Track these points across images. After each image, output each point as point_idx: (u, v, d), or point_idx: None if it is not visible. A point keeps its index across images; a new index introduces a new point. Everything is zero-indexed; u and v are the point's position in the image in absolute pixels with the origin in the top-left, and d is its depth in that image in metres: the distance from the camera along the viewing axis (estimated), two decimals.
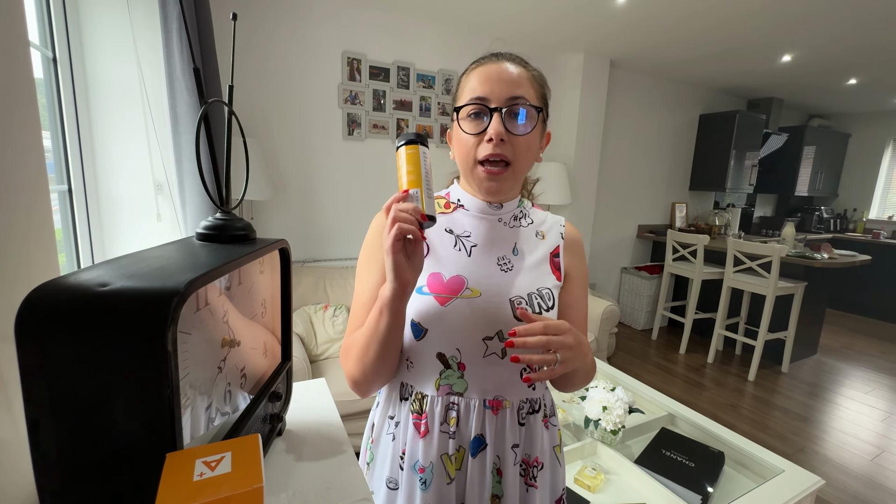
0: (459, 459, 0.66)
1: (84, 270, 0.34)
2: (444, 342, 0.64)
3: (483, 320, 0.64)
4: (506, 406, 0.67)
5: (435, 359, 0.65)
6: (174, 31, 1.18)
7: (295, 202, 2.45)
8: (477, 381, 0.65)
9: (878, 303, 4.52)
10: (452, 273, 0.66)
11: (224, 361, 0.43)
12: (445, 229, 0.70)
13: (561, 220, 0.76)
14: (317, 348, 2.12)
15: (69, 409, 0.30)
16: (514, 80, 0.63)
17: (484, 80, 0.63)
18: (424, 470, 0.65)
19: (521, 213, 0.73)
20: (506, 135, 0.62)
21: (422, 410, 0.66)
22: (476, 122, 0.64)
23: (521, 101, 0.62)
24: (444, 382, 0.66)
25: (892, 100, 4.34)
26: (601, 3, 2.28)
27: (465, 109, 0.64)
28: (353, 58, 2.44)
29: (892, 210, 5.02)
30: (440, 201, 0.75)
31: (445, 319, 0.63)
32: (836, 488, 1.94)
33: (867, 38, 2.66)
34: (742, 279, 3.06)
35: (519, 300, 0.65)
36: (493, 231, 0.70)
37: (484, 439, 0.66)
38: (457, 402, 0.66)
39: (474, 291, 0.65)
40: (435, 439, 0.66)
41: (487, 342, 0.64)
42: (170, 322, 0.29)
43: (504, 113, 0.62)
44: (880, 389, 2.93)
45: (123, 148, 1.47)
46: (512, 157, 0.63)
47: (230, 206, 0.51)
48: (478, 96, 0.62)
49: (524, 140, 0.63)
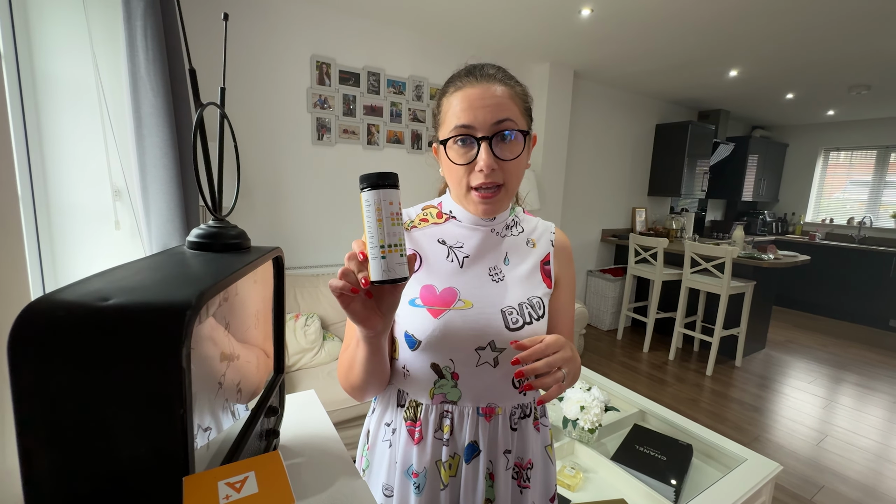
0: (455, 466, 0.67)
1: (77, 284, 0.31)
2: (438, 353, 0.65)
3: (475, 331, 0.64)
4: (498, 413, 0.67)
5: (429, 369, 0.66)
6: (138, 28, 1.12)
7: (262, 209, 2.37)
8: (470, 389, 0.66)
9: (817, 299, 4.92)
10: (445, 285, 0.66)
11: (224, 376, 0.41)
12: (438, 240, 0.70)
13: (551, 227, 0.77)
14: (288, 359, 2.05)
15: (67, 437, 0.28)
16: (498, 103, 0.61)
17: (467, 106, 0.61)
18: (418, 475, 0.66)
19: (512, 221, 0.74)
20: (496, 162, 0.61)
21: (416, 418, 0.67)
22: (464, 149, 0.63)
23: (507, 125, 0.61)
24: (438, 391, 0.66)
25: (824, 113, 4.77)
26: (566, 15, 2.37)
27: (452, 140, 0.63)
28: (322, 62, 2.40)
29: (825, 214, 5.50)
30: (432, 211, 0.74)
31: (438, 331, 0.63)
32: (788, 473, 2.08)
33: (801, 57, 2.92)
34: (699, 279, 3.24)
35: (510, 310, 0.66)
36: (485, 242, 0.70)
37: (478, 446, 0.67)
38: (451, 410, 0.66)
39: (466, 303, 0.65)
40: (429, 446, 0.66)
41: (480, 352, 0.65)
42: (185, 336, 0.28)
43: (491, 140, 0.61)
44: (821, 379, 3.18)
45: (77, 151, 1.37)
46: (504, 179, 0.63)
47: (222, 213, 0.49)
48: (462, 124, 0.61)
49: (513, 162, 0.63)
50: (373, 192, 0.46)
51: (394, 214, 0.47)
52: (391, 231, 0.46)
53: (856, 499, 1.92)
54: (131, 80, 1.16)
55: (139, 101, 1.16)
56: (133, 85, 1.16)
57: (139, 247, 1.45)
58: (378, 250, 0.46)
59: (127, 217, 1.47)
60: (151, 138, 1.18)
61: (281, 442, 0.56)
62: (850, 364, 3.49)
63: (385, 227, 0.46)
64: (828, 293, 4.83)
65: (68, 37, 1.33)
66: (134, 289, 0.31)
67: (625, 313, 3.79)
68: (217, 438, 0.42)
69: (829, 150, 5.37)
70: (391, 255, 0.46)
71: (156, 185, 1.21)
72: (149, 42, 1.12)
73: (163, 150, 1.18)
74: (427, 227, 0.72)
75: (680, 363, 3.35)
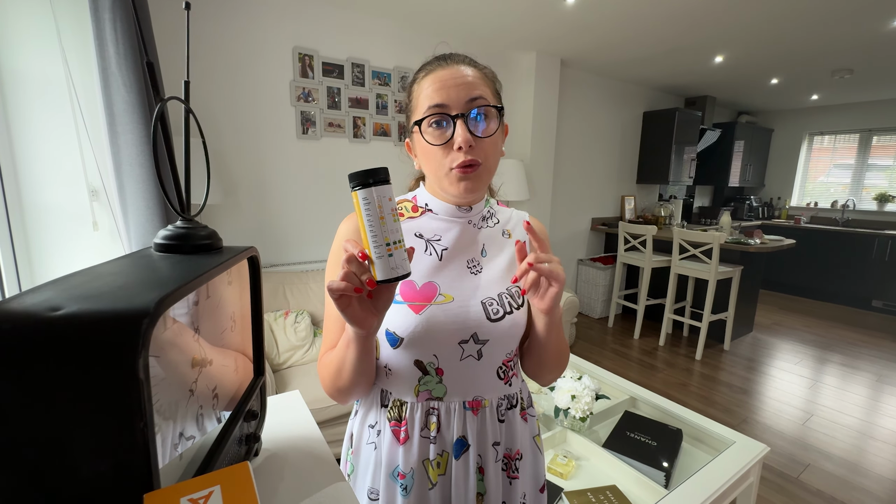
0: (444, 464, 0.66)
1: (27, 293, 0.30)
2: (421, 349, 0.64)
3: (457, 325, 0.64)
4: (485, 405, 0.67)
5: (413, 366, 0.65)
6: (106, 21, 1.07)
7: (248, 206, 2.33)
8: (455, 384, 0.65)
9: (803, 282, 5.01)
10: (425, 280, 0.65)
11: (195, 383, 0.40)
12: (415, 234, 0.69)
13: (524, 216, 0.76)
14: (279, 357, 2.03)
15: (19, 459, 0.26)
16: (469, 82, 0.62)
17: (439, 86, 0.61)
18: (405, 476, 0.65)
19: (488, 213, 0.74)
20: (473, 139, 0.61)
21: (401, 417, 0.66)
22: (439, 131, 0.62)
23: (481, 102, 0.62)
24: (423, 388, 0.65)
25: (808, 98, 4.81)
26: (551, 4, 2.34)
27: (427, 120, 0.62)
28: (304, 54, 2.35)
29: (809, 198, 5.57)
30: (406, 205, 0.73)
31: (420, 327, 0.63)
32: (776, 453, 2.12)
33: (785, 42, 2.93)
34: (687, 266, 3.27)
35: (490, 301, 0.65)
36: (463, 234, 0.69)
37: (466, 440, 0.66)
38: (437, 406, 0.65)
39: (447, 297, 0.64)
40: (415, 445, 0.65)
41: (463, 346, 0.64)
42: (141, 347, 0.26)
43: (466, 117, 0.61)
44: (806, 360, 3.25)
45: (50, 151, 1.32)
46: (482, 157, 0.63)
47: (192, 212, 0.47)
48: (436, 104, 0.61)
49: (490, 140, 0.63)
50: (369, 190, 0.45)
51: (393, 210, 0.46)
52: (393, 228, 0.46)
53: (840, 476, 1.97)
54: (102, 75, 1.11)
55: (111, 97, 1.12)
56: (104, 80, 1.12)
57: (119, 248, 1.41)
58: (384, 248, 0.45)
59: (105, 217, 1.43)
60: (126, 136, 1.14)
61: (264, 445, 0.55)
62: (835, 344, 3.57)
63: (388, 224, 0.45)
64: (813, 276, 4.91)
65: (34, 30, 1.27)
66: (89, 297, 0.29)
67: (615, 301, 3.82)
68: (192, 447, 0.40)
69: (814, 135, 5.43)
70: (397, 252, 0.46)
71: (133, 184, 1.17)
72: (119, 35, 1.08)
73: (138, 148, 1.14)
74: (403, 222, 0.71)
75: (670, 348, 3.39)
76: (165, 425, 0.35)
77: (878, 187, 4.93)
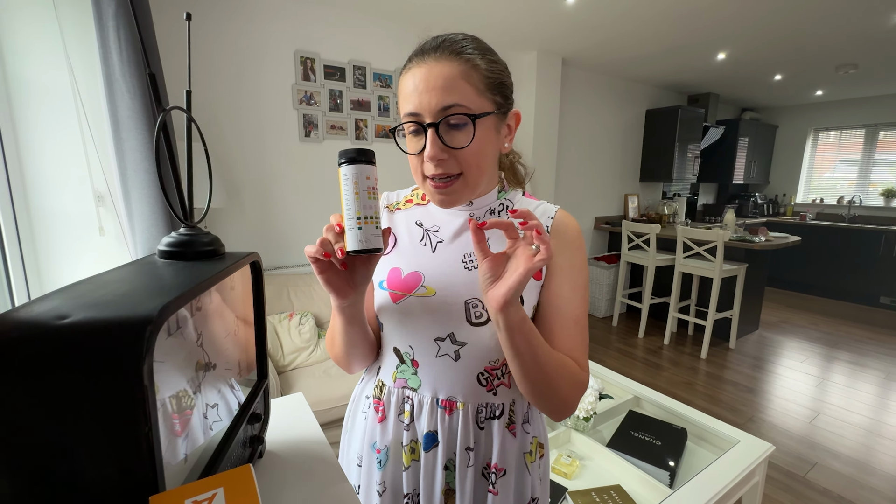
0: (417, 451, 0.66)
1: (36, 302, 0.30)
2: (398, 338, 0.65)
3: (434, 320, 0.61)
4: (459, 408, 0.64)
5: (392, 352, 0.66)
6: (110, 28, 1.09)
7: (251, 208, 2.34)
8: (429, 379, 0.64)
9: (809, 279, 4.97)
10: (411, 269, 0.64)
11: (199, 387, 0.41)
12: (416, 222, 0.68)
13: (551, 211, 0.66)
14: (284, 359, 2.05)
15: (29, 463, 0.27)
16: (440, 84, 0.54)
17: (412, 90, 0.56)
18: (380, 451, 0.67)
19: (500, 206, 0.67)
20: (445, 151, 0.56)
21: (381, 397, 0.67)
22: (416, 139, 0.58)
23: (454, 110, 0.55)
24: (400, 376, 0.66)
25: (812, 94, 4.77)
26: (551, 4, 2.34)
27: (401, 129, 0.59)
28: (306, 57, 2.36)
29: (815, 194, 5.53)
30: (419, 192, 0.71)
31: (396, 316, 0.63)
32: (782, 452, 2.11)
33: (787, 38, 2.91)
34: (691, 264, 3.26)
35: (475, 303, 0.61)
36: (464, 227, 0.65)
37: (436, 437, 0.65)
38: (411, 396, 0.65)
39: (429, 290, 0.62)
40: (390, 426, 0.66)
41: (439, 343, 0.62)
42: (145, 353, 0.27)
43: (439, 126, 0.55)
44: (813, 357, 3.22)
45: (57, 157, 1.34)
46: (459, 168, 0.57)
47: (194, 219, 0.47)
48: (409, 112, 0.56)
49: (467, 149, 0.56)
50: (351, 167, 0.48)
51: (370, 189, 0.48)
52: (367, 204, 0.48)
53: (848, 474, 1.96)
54: (106, 82, 1.13)
55: (115, 103, 1.14)
56: (108, 88, 1.13)
57: (125, 252, 1.43)
58: (354, 221, 0.48)
59: (111, 222, 1.45)
60: (130, 142, 1.15)
61: (268, 448, 0.55)
62: (842, 342, 3.54)
63: (361, 200, 0.48)
64: (819, 272, 4.88)
65: (41, 39, 1.29)
66: (95, 304, 0.30)
67: (619, 300, 3.81)
68: (196, 450, 0.41)
69: (819, 131, 5.38)
70: (367, 227, 0.48)
71: (137, 189, 1.19)
72: (122, 44, 1.09)
73: (143, 154, 1.16)
74: (410, 209, 0.70)
75: (675, 347, 3.38)
76: (170, 429, 0.36)
77: (886, 182, 4.88)
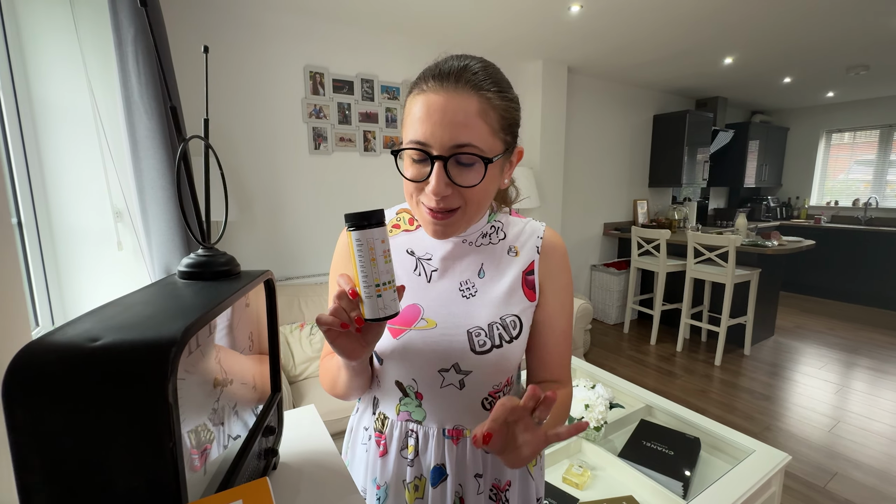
0: (421, 488, 0.64)
1: (70, 324, 0.33)
2: (400, 372, 0.63)
3: (437, 353, 0.60)
4: (466, 435, 0.63)
5: (394, 385, 0.64)
6: (129, 53, 1.14)
7: (263, 221, 2.39)
8: (435, 410, 0.63)
9: (825, 283, 4.87)
10: (409, 301, 0.62)
11: (217, 402, 0.42)
12: (407, 251, 0.66)
13: (539, 230, 0.67)
14: (295, 369, 2.07)
15: (65, 474, 0.29)
16: (458, 121, 0.52)
17: (425, 117, 0.53)
18: (380, 488, 0.65)
19: (491, 228, 0.66)
20: (450, 187, 0.54)
21: (383, 430, 0.66)
22: (418, 166, 0.55)
23: (467, 150, 0.53)
24: (403, 409, 0.64)
25: (823, 95, 4.72)
26: (556, 13, 2.37)
27: (406, 152, 0.56)
28: (315, 72, 2.42)
29: (829, 196, 5.44)
30: (405, 216, 0.70)
31: (398, 351, 0.61)
32: (800, 461, 2.06)
33: (796, 41, 2.89)
34: (703, 269, 3.22)
35: (478, 332, 0.60)
36: (456, 253, 0.64)
37: (445, 469, 0.63)
38: (415, 429, 0.64)
39: (430, 322, 0.60)
40: (391, 462, 0.64)
41: (444, 374, 0.61)
42: (170, 373, 0.29)
43: (448, 161, 0.53)
44: (832, 364, 3.15)
45: (77, 175, 1.40)
46: (459, 203, 0.56)
47: (211, 240, 0.50)
48: (418, 140, 0.53)
49: (473, 188, 0.55)
50: (363, 232, 0.45)
51: (385, 252, 0.46)
52: (385, 269, 0.46)
53: (870, 485, 1.90)
54: (125, 104, 1.18)
55: (134, 124, 1.18)
56: (127, 109, 1.18)
57: (142, 267, 1.47)
58: (374, 289, 0.46)
59: (129, 238, 1.50)
60: (148, 160, 1.20)
61: (281, 459, 0.57)
62: (862, 347, 3.46)
63: (379, 266, 0.46)
64: (836, 276, 4.78)
65: (63, 63, 1.35)
66: (122, 327, 0.32)
67: (630, 306, 3.78)
68: (215, 461, 0.43)
69: (832, 132, 5.31)
70: (386, 293, 0.46)
71: (154, 206, 1.23)
72: (140, 67, 1.14)
73: (159, 172, 1.20)
74: (398, 235, 0.68)
75: (688, 354, 3.33)
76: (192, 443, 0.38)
77: None
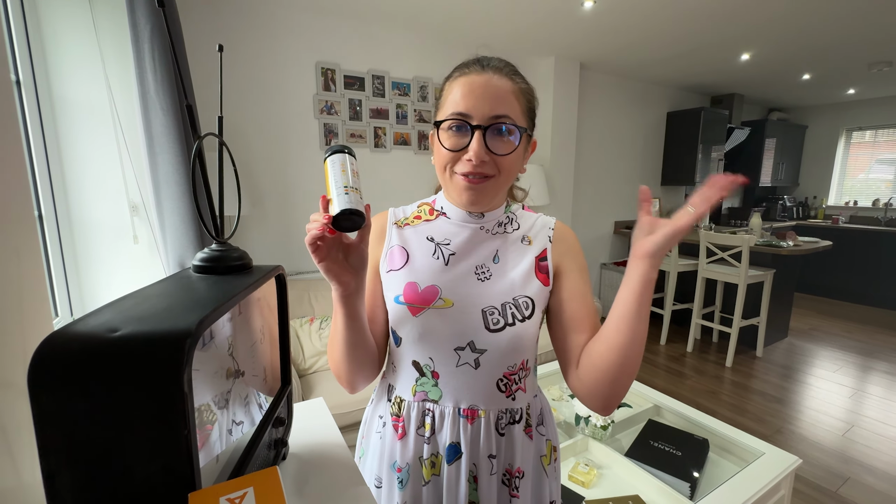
0: (437, 465, 0.67)
1: (90, 315, 0.34)
2: (417, 351, 0.66)
3: (453, 331, 0.64)
4: (481, 416, 0.66)
5: (411, 366, 0.67)
6: (146, 51, 1.16)
7: (273, 215, 2.42)
8: (451, 389, 0.66)
9: (841, 285, 4.77)
10: (428, 283, 0.66)
11: (230, 392, 0.44)
12: (427, 237, 0.70)
13: (550, 223, 0.73)
14: (304, 363, 2.10)
15: (86, 458, 0.30)
16: (498, 95, 0.60)
17: (467, 93, 0.60)
18: (401, 470, 0.67)
19: (507, 218, 0.72)
20: (487, 154, 0.60)
21: (400, 413, 0.68)
22: (457, 136, 0.61)
23: (504, 121, 0.60)
24: (420, 389, 0.67)
25: (843, 92, 4.60)
26: (569, 9, 2.35)
27: (446, 123, 0.62)
28: (327, 68, 2.44)
29: (848, 196, 5.31)
30: (425, 207, 0.74)
31: (416, 329, 0.64)
32: (812, 465, 2.04)
33: (815, 37, 2.82)
34: (715, 269, 3.18)
35: (492, 310, 0.64)
36: (473, 239, 0.69)
37: (459, 447, 0.66)
38: (432, 408, 0.67)
39: (447, 302, 0.64)
40: (411, 442, 0.67)
41: (459, 352, 0.64)
42: (185, 363, 0.30)
43: (486, 131, 0.60)
44: (847, 367, 3.09)
45: (95, 169, 1.43)
46: (494, 172, 0.62)
47: (224, 235, 0.51)
48: (459, 112, 0.60)
49: (507, 157, 0.61)
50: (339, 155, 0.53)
51: (355, 171, 0.53)
52: (353, 180, 0.52)
53: (883, 490, 1.87)
54: (142, 100, 1.20)
55: (150, 120, 1.21)
56: (143, 105, 1.20)
57: (157, 260, 1.51)
58: (342, 189, 0.51)
59: (144, 231, 1.53)
60: (163, 155, 1.22)
61: (290, 450, 0.58)
62: (878, 351, 3.38)
63: (348, 175, 0.52)
64: (853, 278, 4.67)
65: (82, 60, 1.38)
66: (140, 318, 0.33)
67: None
68: (227, 450, 0.44)
69: (852, 130, 5.18)
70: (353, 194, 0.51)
71: (169, 200, 1.25)
72: (157, 63, 1.16)
73: (174, 167, 1.22)
74: (419, 225, 0.72)
75: (699, 355, 3.30)
76: (205, 431, 0.39)
77: None
